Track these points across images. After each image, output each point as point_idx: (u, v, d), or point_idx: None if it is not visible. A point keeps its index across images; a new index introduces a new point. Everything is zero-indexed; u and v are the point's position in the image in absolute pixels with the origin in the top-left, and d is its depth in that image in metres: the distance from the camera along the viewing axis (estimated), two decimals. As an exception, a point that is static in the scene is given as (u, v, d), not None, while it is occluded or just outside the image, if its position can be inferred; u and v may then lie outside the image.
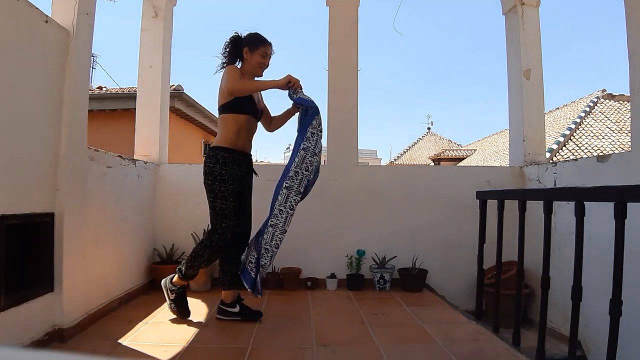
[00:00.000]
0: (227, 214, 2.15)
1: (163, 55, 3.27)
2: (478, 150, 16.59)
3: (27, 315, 1.71)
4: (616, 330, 1.33)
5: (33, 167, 1.77)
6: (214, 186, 2.13)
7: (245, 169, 2.25)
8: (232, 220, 2.16)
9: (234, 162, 2.15)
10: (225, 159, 2.14)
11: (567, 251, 2.49)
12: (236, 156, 2.17)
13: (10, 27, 1.62)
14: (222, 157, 2.14)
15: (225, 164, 2.13)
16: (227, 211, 2.14)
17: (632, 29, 2.15)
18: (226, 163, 2.13)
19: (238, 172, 2.17)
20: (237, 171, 2.16)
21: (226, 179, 2.12)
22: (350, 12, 3.34)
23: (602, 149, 8.79)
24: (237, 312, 2.26)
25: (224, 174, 2.12)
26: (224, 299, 2.29)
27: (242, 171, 2.21)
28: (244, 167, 2.23)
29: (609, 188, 1.44)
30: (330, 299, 2.83)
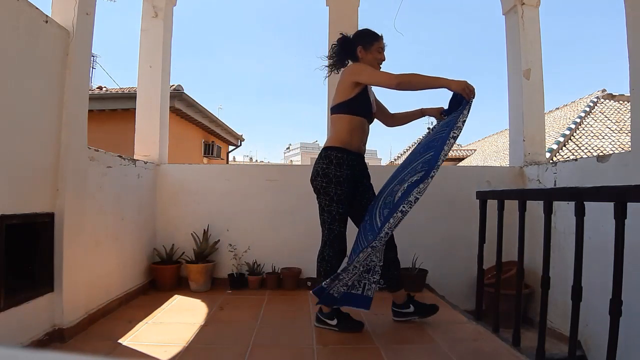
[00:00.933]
0: (340, 218, 2.06)
1: (163, 55, 3.27)
2: (478, 150, 16.58)
3: (27, 315, 1.71)
4: (616, 330, 1.33)
5: (33, 167, 1.77)
6: (330, 189, 2.02)
7: (360, 170, 2.16)
8: (343, 226, 2.08)
9: (349, 164, 2.05)
10: (340, 159, 2.04)
11: (567, 251, 2.49)
12: (350, 157, 2.06)
13: (10, 27, 1.62)
14: (335, 158, 2.04)
15: (339, 165, 2.03)
16: (339, 216, 2.05)
17: (632, 29, 2.15)
18: (340, 164, 2.03)
19: (352, 174, 2.08)
20: (352, 172, 2.07)
21: (341, 180, 2.02)
22: (350, 12, 3.34)
23: (602, 149, 8.78)
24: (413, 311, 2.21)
25: (339, 175, 2.02)
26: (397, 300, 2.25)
27: (356, 172, 2.12)
28: (358, 169, 2.13)
29: (609, 188, 1.44)
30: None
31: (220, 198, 3.20)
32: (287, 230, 3.18)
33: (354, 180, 2.12)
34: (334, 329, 2.10)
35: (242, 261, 3.09)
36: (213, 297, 2.77)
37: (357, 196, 2.17)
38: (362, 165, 2.19)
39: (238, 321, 2.25)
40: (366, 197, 2.17)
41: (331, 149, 2.06)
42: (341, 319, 2.11)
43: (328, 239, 2.09)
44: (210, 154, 9.86)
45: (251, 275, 3.03)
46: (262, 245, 3.14)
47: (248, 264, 3.07)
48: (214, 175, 3.28)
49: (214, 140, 10.45)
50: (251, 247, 3.11)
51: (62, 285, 1.88)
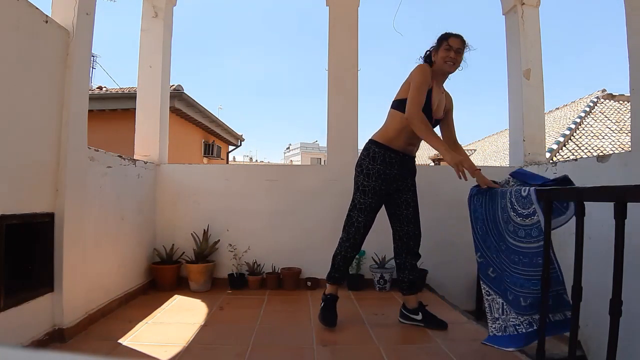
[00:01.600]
0: (363, 209, 2.12)
1: (163, 55, 3.27)
2: (478, 150, 16.58)
3: (27, 315, 1.71)
4: (616, 330, 1.33)
5: (33, 167, 1.77)
6: (359, 179, 2.13)
7: (400, 170, 2.13)
8: (366, 217, 2.13)
9: (384, 160, 2.08)
10: (375, 154, 2.10)
11: (567, 251, 2.48)
12: (389, 154, 2.09)
13: (10, 27, 1.62)
14: (372, 152, 2.11)
15: (374, 160, 2.10)
16: (364, 206, 2.12)
17: (632, 29, 2.14)
18: (375, 158, 2.10)
19: (387, 171, 2.09)
20: (385, 169, 2.09)
21: (370, 174, 2.09)
22: (350, 12, 3.34)
23: (602, 149, 8.79)
24: (420, 319, 2.19)
25: (370, 168, 2.09)
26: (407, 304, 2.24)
27: (394, 171, 2.11)
28: (397, 168, 2.12)
29: (609, 188, 1.44)
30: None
31: (220, 198, 3.20)
32: (287, 230, 3.18)
33: (391, 178, 2.12)
34: (420, 325, 2.17)
35: (242, 261, 3.09)
36: (213, 297, 2.77)
37: (394, 195, 2.18)
38: (407, 166, 2.17)
39: (238, 321, 2.25)
40: (403, 198, 2.18)
41: (372, 143, 2.15)
42: (426, 315, 2.17)
43: (345, 227, 2.20)
44: (210, 154, 9.86)
45: (251, 275, 3.03)
46: (262, 245, 3.14)
47: (248, 264, 3.07)
48: (214, 175, 3.28)
49: (214, 140, 10.46)
50: (251, 247, 3.11)
51: (62, 285, 1.88)
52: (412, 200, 2.19)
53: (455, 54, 2.04)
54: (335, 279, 2.24)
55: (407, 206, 2.18)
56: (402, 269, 2.21)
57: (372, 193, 2.11)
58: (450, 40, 2.05)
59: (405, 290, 2.22)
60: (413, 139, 2.11)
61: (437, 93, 2.13)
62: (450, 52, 2.04)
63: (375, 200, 2.13)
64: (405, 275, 2.20)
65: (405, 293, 2.23)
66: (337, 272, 2.23)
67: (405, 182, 2.18)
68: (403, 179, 2.17)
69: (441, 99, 2.16)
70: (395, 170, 2.12)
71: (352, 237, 2.18)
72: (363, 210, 2.13)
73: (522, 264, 1.88)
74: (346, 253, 2.20)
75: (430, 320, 2.16)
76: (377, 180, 2.09)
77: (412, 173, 2.22)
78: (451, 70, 2.08)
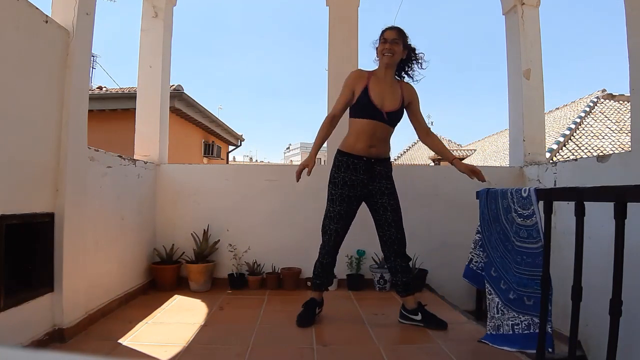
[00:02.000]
0: (333, 216, 2.15)
1: (163, 55, 3.26)
2: (478, 150, 16.59)
3: (27, 315, 1.71)
4: (616, 330, 1.33)
5: (33, 167, 1.77)
6: (329, 188, 2.18)
7: (367, 174, 2.14)
8: (337, 224, 2.15)
9: (348, 167, 2.12)
10: (340, 162, 2.15)
11: (567, 251, 2.48)
12: (352, 160, 2.13)
13: (10, 27, 1.62)
14: (337, 161, 2.17)
15: (338, 168, 2.15)
16: (333, 214, 2.15)
17: (632, 29, 2.14)
18: (339, 167, 2.15)
19: (352, 177, 2.12)
20: (350, 175, 2.12)
21: (337, 182, 2.13)
22: (350, 12, 3.34)
23: (602, 149, 8.79)
24: (420, 319, 2.18)
25: (336, 177, 2.14)
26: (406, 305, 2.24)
27: (360, 176, 2.13)
28: (363, 173, 2.13)
29: (609, 188, 1.44)
30: (330, 299, 2.82)
31: (220, 198, 3.20)
32: (287, 230, 3.18)
33: (358, 184, 2.13)
34: (420, 325, 2.17)
35: (242, 261, 3.09)
36: (213, 297, 2.77)
37: (370, 200, 2.19)
38: (375, 169, 2.16)
39: (238, 321, 2.25)
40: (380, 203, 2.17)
41: (337, 152, 2.20)
42: (426, 315, 2.17)
43: (322, 235, 2.23)
44: (210, 154, 9.86)
45: (251, 275, 3.03)
46: (262, 245, 3.14)
47: (248, 264, 3.07)
48: (214, 175, 3.28)
49: (214, 140, 10.46)
50: (251, 247, 3.10)
51: (62, 285, 1.88)
52: (390, 204, 2.17)
53: (390, 45, 2.10)
54: (317, 285, 2.28)
55: (384, 210, 2.17)
56: (394, 273, 2.22)
57: (340, 200, 2.12)
58: (385, 34, 2.13)
59: (401, 293, 2.22)
60: (373, 141, 2.13)
61: (382, 87, 2.13)
62: (385, 44, 2.11)
63: (345, 208, 2.14)
64: (398, 278, 2.20)
65: (401, 295, 2.23)
66: (318, 279, 2.26)
67: (377, 186, 2.16)
68: (373, 183, 2.15)
69: (393, 91, 2.15)
70: (362, 175, 2.13)
71: (326, 245, 2.21)
72: (333, 218, 2.15)
73: (525, 264, 1.88)
74: (323, 259, 2.24)
75: (430, 320, 2.16)
76: (344, 187, 2.12)
77: (383, 175, 2.18)
78: (390, 61, 2.12)
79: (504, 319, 1.99)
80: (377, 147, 2.15)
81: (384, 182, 2.17)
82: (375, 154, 2.15)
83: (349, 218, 2.19)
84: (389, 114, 2.12)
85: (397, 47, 2.11)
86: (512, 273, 1.96)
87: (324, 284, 2.30)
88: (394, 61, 2.14)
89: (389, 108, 2.12)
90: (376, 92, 2.11)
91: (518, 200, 1.94)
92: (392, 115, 2.13)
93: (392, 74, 2.19)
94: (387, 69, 2.16)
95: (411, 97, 2.21)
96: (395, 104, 2.14)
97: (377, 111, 2.10)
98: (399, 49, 2.12)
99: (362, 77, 2.15)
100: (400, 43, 2.13)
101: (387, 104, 2.12)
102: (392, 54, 2.11)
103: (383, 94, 2.12)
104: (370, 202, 2.19)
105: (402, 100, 2.16)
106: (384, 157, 2.21)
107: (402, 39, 2.14)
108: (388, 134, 2.18)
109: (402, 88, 2.19)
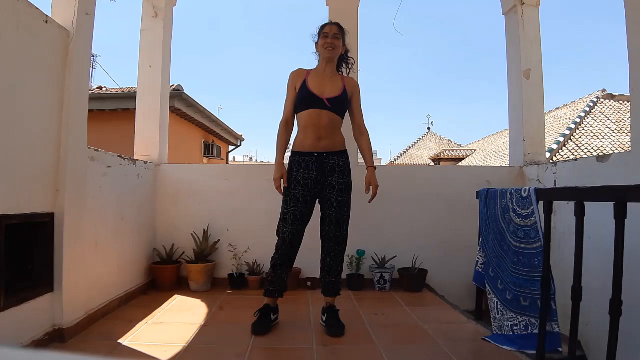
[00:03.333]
0: (287, 218, 2.09)
1: (163, 55, 3.26)
2: (478, 150, 16.59)
3: (27, 315, 1.71)
4: (616, 330, 1.33)
5: (33, 167, 1.77)
6: (283, 189, 2.13)
7: (319, 171, 2.08)
8: (291, 226, 2.08)
9: (300, 165, 2.09)
10: (291, 163, 2.13)
11: (567, 251, 2.49)
12: (303, 158, 2.09)
13: (10, 27, 1.62)
14: (290, 162, 2.15)
15: (290, 168, 2.12)
16: (287, 216, 2.09)
17: (632, 29, 2.14)
18: (291, 167, 2.12)
19: (305, 176, 2.08)
20: (304, 174, 2.08)
21: (290, 182, 2.09)
22: (350, 12, 3.34)
23: (602, 149, 8.79)
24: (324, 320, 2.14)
25: (289, 178, 2.10)
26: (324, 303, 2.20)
27: (313, 174, 2.08)
28: (315, 170, 2.08)
29: (609, 188, 1.44)
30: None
31: (220, 198, 3.19)
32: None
33: (311, 182, 2.08)
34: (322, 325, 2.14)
35: (242, 261, 3.09)
36: (213, 297, 2.77)
37: (321, 196, 2.13)
38: (327, 164, 2.09)
39: (238, 321, 2.25)
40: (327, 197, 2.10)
41: (290, 154, 2.17)
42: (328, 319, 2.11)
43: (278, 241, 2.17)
44: (210, 154, 9.86)
45: (251, 275, 3.03)
46: (262, 245, 3.14)
47: (248, 264, 3.07)
48: (214, 175, 3.28)
49: (214, 140, 10.46)
50: (251, 247, 3.10)
51: (62, 285, 1.88)
52: (337, 200, 2.08)
53: (332, 39, 2.12)
54: (269, 292, 2.16)
55: (330, 206, 2.09)
56: (322, 268, 2.18)
57: (295, 201, 2.07)
58: (326, 28, 2.16)
59: (323, 292, 2.18)
60: (321, 132, 2.07)
61: (321, 79, 2.14)
62: (327, 38, 2.13)
63: (299, 209, 2.07)
64: (323, 277, 2.17)
65: (323, 292, 2.18)
66: (271, 285, 2.16)
67: (329, 180, 2.09)
68: (326, 178, 2.10)
69: (333, 82, 2.14)
70: (314, 172, 2.08)
71: (280, 249, 2.14)
72: (288, 220, 2.09)
73: (522, 265, 1.88)
74: (274, 262, 2.15)
75: (330, 324, 2.08)
76: (297, 187, 2.07)
77: (336, 170, 2.10)
78: (332, 54, 2.14)
79: (503, 319, 2.00)
80: (326, 139, 2.09)
81: (336, 176, 2.10)
82: (326, 147, 2.10)
83: (305, 219, 2.11)
84: (331, 100, 2.08)
85: (337, 41, 2.14)
86: (509, 273, 1.96)
87: (277, 291, 2.17)
88: (335, 55, 2.16)
89: (330, 95, 2.09)
90: (315, 83, 2.11)
91: (517, 200, 1.94)
92: (334, 101, 2.09)
93: (332, 67, 2.19)
94: (327, 63, 2.16)
95: (353, 90, 2.21)
96: (337, 91, 2.12)
97: (317, 99, 2.07)
98: (339, 43, 2.15)
99: (300, 74, 2.17)
100: (341, 38, 2.16)
101: (328, 92, 2.10)
102: (333, 48, 2.13)
103: (323, 84, 2.12)
104: (320, 196, 2.14)
105: (344, 89, 2.14)
106: (336, 149, 2.13)
107: (342, 34, 2.17)
108: (335, 122, 2.11)
109: (344, 80, 2.20)
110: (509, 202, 2.00)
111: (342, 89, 2.14)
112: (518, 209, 1.93)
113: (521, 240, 1.90)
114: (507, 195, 2.03)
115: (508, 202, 2.01)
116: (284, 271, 2.18)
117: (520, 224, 1.91)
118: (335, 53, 2.15)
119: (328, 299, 2.17)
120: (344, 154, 2.16)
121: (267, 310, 2.14)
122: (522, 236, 1.90)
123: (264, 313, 2.12)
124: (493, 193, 2.18)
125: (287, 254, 2.15)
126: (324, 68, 2.17)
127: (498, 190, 2.14)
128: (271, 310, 2.16)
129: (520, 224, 1.91)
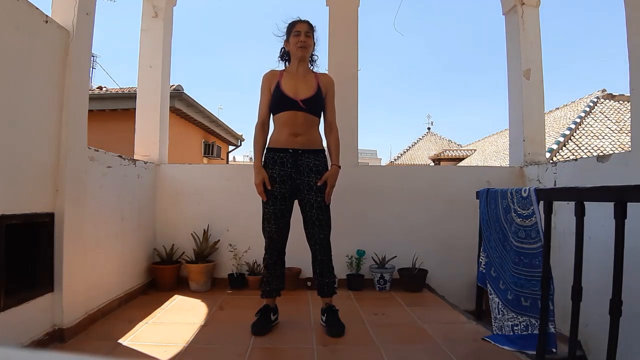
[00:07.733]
0: (269, 217, 2.07)
1: (163, 55, 3.27)
2: (478, 150, 16.59)
3: (27, 315, 1.71)
4: (616, 330, 1.33)
5: (33, 167, 1.77)
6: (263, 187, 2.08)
7: (294, 167, 2.07)
8: (274, 224, 2.06)
9: (275, 162, 2.07)
10: (266, 159, 2.10)
11: (567, 251, 2.49)
12: (278, 154, 2.07)
13: (10, 27, 1.62)
14: (265, 158, 2.11)
15: (266, 165, 2.09)
16: (268, 215, 2.07)
17: (632, 29, 2.14)
18: (267, 164, 2.09)
19: (280, 172, 2.06)
20: (279, 171, 2.05)
21: (268, 178, 2.05)
22: (350, 12, 3.34)
23: (602, 149, 8.79)
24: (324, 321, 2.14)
25: (267, 174, 2.06)
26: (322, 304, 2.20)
27: (287, 170, 2.06)
28: (290, 167, 2.06)
29: (609, 188, 1.44)
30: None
31: (220, 198, 3.20)
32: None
33: (286, 178, 2.06)
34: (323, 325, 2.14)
35: (242, 261, 3.09)
36: (213, 297, 2.77)
37: (299, 196, 2.11)
38: (302, 162, 2.07)
39: (238, 321, 2.25)
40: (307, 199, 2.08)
41: (265, 151, 2.13)
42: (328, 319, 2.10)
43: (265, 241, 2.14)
44: (210, 154, 9.86)
45: (251, 275, 3.03)
46: (262, 245, 3.12)
47: (248, 264, 3.07)
48: (214, 175, 3.28)
49: (214, 140, 10.46)
50: (251, 247, 3.10)
51: (62, 285, 1.88)
52: (316, 201, 2.06)
53: (304, 37, 2.10)
54: (267, 292, 2.16)
55: (310, 207, 2.07)
56: (314, 271, 2.18)
57: (273, 199, 2.05)
58: (297, 26, 2.12)
59: (318, 293, 2.18)
60: (296, 129, 2.05)
61: (294, 80, 2.12)
62: (299, 36, 2.10)
63: (278, 206, 2.06)
64: (316, 278, 2.17)
65: (319, 295, 2.18)
66: (267, 285, 2.15)
67: (305, 180, 2.07)
68: (301, 177, 2.07)
69: (306, 81, 2.12)
70: (289, 168, 2.06)
71: (268, 248, 2.13)
72: (270, 219, 2.07)
73: (523, 265, 1.88)
74: (267, 262, 2.15)
75: (330, 324, 2.08)
76: (274, 185, 2.05)
77: (312, 169, 2.07)
78: (304, 53, 2.12)
79: (504, 319, 2.00)
80: (302, 135, 2.07)
81: (312, 176, 2.07)
82: (301, 144, 2.07)
83: (285, 216, 2.10)
84: (305, 101, 2.06)
85: (310, 40, 2.13)
86: (510, 273, 1.96)
87: (274, 290, 2.16)
88: (307, 54, 2.14)
89: (304, 96, 2.07)
90: (289, 85, 2.09)
91: (518, 200, 1.94)
92: (309, 102, 2.07)
93: (305, 66, 2.17)
94: (300, 62, 2.14)
95: (328, 87, 2.19)
96: (311, 91, 2.10)
97: (291, 101, 2.05)
98: (311, 42, 2.14)
99: (274, 75, 2.15)
100: (312, 36, 2.14)
101: (302, 93, 2.08)
102: (305, 47, 2.11)
103: (296, 85, 2.09)
104: (299, 197, 2.11)
105: (317, 88, 2.13)
106: (312, 147, 2.10)
107: (313, 32, 2.15)
108: (311, 122, 2.10)
109: (318, 78, 2.17)
110: (509, 202, 2.00)
111: (315, 87, 2.12)
112: (519, 209, 1.93)
113: (522, 240, 1.90)
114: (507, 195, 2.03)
115: (509, 202, 2.01)
116: (278, 269, 2.18)
117: (521, 224, 1.91)
118: (308, 52, 2.14)
119: (325, 299, 2.18)
120: (320, 153, 2.13)
121: (267, 310, 2.14)
122: (523, 236, 1.90)
123: (264, 313, 2.13)
124: (493, 193, 2.17)
125: (277, 251, 2.15)
126: (296, 68, 2.15)
127: (498, 190, 2.14)
128: (270, 310, 2.16)
129: (521, 224, 1.91)
